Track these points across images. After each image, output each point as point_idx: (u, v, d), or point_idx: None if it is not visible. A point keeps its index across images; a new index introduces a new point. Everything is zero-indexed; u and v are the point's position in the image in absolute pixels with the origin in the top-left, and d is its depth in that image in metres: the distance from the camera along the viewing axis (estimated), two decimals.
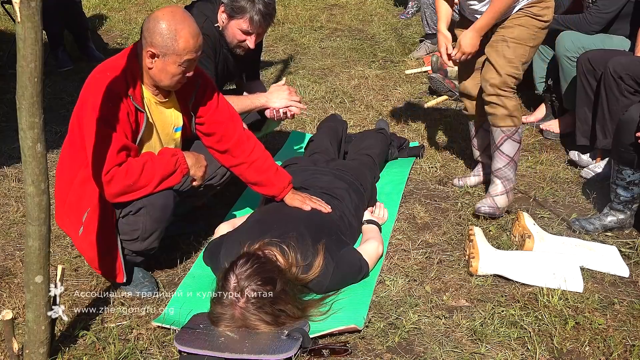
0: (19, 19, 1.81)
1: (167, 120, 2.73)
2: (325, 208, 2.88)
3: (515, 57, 3.08)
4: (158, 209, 2.55)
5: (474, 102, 3.40)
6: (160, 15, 2.47)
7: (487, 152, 3.43)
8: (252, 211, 3.10)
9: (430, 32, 5.60)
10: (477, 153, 3.55)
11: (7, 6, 5.57)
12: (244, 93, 3.54)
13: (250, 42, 3.18)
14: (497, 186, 3.23)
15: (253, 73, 3.67)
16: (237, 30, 3.15)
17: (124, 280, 2.64)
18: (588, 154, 3.74)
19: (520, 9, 3.07)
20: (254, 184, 2.93)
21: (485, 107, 3.18)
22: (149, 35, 2.47)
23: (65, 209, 2.62)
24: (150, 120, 2.64)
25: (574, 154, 3.77)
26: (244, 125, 2.96)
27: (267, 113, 3.35)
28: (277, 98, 3.32)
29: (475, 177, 3.58)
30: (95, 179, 2.43)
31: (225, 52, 3.30)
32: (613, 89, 3.43)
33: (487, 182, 3.45)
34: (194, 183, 2.69)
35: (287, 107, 3.32)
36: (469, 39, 3.10)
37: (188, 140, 2.90)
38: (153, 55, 2.49)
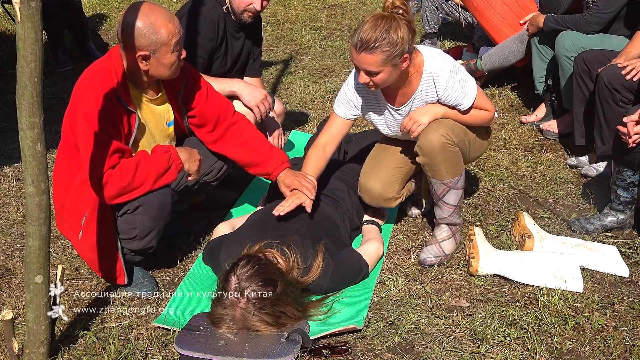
0: (19, 19, 1.82)
1: (160, 117, 2.74)
2: (309, 195, 2.80)
3: (454, 128, 2.82)
4: (155, 207, 2.55)
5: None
6: (131, 19, 2.46)
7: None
8: (252, 211, 3.10)
9: (430, 31, 5.61)
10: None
11: (7, 6, 5.57)
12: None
13: (257, 3, 3.29)
14: (443, 231, 2.96)
15: (254, 64, 3.69)
16: None
17: (125, 282, 2.64)
18: (587, 156, 3.73)
19: None
20: (247, 166, 2.94)
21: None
22: (133, 42, 2.46)
23: (64, 214, 2.63)
24: (142, 120, 2.64)
25: (572, 160, 3.77)
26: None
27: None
28: (249, 92, 3.36)
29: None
30: (92, 183, 2.44)
31: (231, 32, 3.41)
32: (608, 99, 3.43)
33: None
34: (189, 178, 2.68)
35: (252, 105, 3.34)
36: (427, 116, 2.81)
37: (181, 136, 2.90)
38: (145, 58, 2.49)
